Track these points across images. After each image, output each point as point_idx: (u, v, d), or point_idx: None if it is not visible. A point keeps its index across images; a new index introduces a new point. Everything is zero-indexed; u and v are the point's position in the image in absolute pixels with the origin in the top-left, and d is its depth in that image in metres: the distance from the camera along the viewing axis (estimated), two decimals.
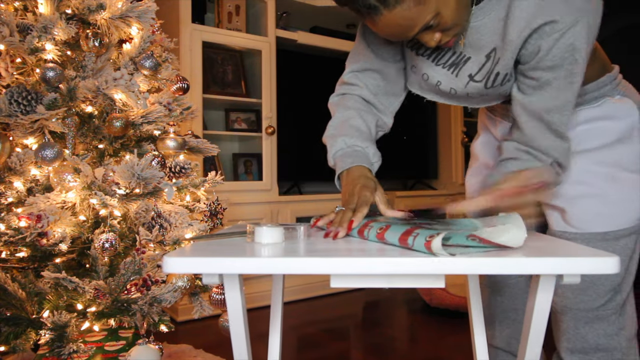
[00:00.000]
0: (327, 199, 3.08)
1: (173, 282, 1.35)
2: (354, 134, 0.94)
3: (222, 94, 2.80)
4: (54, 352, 1.20)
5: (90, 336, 1.42)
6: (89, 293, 1.26)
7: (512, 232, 0.53)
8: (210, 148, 1.68)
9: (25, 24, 1.32)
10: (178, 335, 2.23)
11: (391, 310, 2.74)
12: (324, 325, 2.47)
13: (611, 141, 0.89)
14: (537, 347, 0.57)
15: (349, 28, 3.52)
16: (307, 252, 0.53)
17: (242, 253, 0.51)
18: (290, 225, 0.70)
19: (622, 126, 0.89)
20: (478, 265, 0.49)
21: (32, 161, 1.35)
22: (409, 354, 2.06)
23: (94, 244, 1.29)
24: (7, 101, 1.29)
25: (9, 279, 1.23)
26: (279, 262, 0.48)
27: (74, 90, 1.37)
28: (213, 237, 0.67)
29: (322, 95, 3.66)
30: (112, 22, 1.42)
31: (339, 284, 0.53)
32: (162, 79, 1.61)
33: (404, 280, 0.53)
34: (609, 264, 0.50)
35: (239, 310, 0.57)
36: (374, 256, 0.49)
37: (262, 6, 2.90)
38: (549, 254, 0.51)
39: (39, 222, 1.21)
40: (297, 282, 2.89)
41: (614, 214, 0.89)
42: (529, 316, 0.57)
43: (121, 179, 1.31)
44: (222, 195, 1.95)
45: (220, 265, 0.48)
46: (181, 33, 2.53)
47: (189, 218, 1.45)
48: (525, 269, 0.49)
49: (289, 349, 2.12)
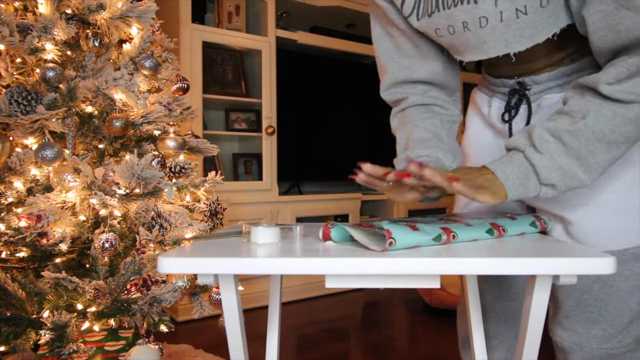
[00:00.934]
0: (327, 199, 3.08)
1: (173, 282, 1.35)
2: (418, 145, 0.87)
3: (222, 94, 2.80)
4: (54, 352, 1.20)
5: (90, 336, 1.42)
6: (89, 293, 1.26)
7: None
8: (210, 148, 1.69)
9: (25, 24, 1.32)
10: (178, 335, 2.24)
11: (391, 310, 2.74)
12: (324, 325, 2.47)
13: None
14: (534, 351, 0.57)
15: (349, 28, 3.52)
16: (303, 252, 0.53)
17: (237, 253, 0.52)
18: (287, 225, 0.70)
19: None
20: (473, 265, 0.49)
21: (32, 161, 1.35)
22: (408, 354, 2.06)
23: (94, 244, 1.29)
24: (7, 101, 1.29)
25: (9, 279, 1.23)
26: (274, 263, 0.48)
27: (74, 90, 1.37)
28: (210, 237, 0.67)
29: (322, 95, 3.66)
30: (112, 22, 1.43)
31: (333, 284, 0.53)
32: (162, 79, 1.61)
33: (399, 281, 0.54)
34: (605, 264, 0.50)
35: (235, 311, 0.57)
36: (368, 256, 0.50)
37: (262, 6, 2.90)
38: (545, 254, 0.51)
39: (39, 222, 1.22)
40: (297, 282, 2.90)
41: (635, 227, 0.75)
42: (525, 318, 0.57)
43: (121, 179, 1.32)
44: (222, 195, 1.96)
45: (215, 266, 0.48)
46: (181, 33, 2.53)
47: (189, 218, 1.45)
48: (520, 270, 0.49)
49: (288, 349, 2.12)
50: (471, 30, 0.75)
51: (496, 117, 0.92)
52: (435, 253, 0.53)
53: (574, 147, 0.66)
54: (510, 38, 0.73)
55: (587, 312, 0.81)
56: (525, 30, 0.72)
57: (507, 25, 0.71)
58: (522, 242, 0.63)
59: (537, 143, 0.67)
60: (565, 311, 0.84)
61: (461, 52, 0.82)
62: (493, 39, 0.74)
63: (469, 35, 0.76)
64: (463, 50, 0.81)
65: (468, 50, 0.80)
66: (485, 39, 0.75)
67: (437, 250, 0.54)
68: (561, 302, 0.84)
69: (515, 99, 0.87)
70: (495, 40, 0.74)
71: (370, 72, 3.44)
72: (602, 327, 0.79)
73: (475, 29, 0.75)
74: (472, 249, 0.57)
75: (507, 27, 0.72)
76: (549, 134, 0.67)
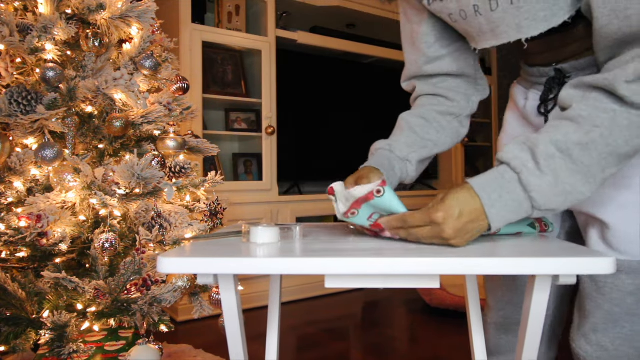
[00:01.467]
0: (327, 199, 3.07)
1: (173, 282, 1.35)
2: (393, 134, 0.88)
3: (222, 94, 2.80)
4: (54, 352, 1.20)
5: (90, 336, 1.42)
6: (89, 293, 1.26)
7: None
8: (210, 148, 1.69)
9: (25, 24, 1.32)
10: (178, 335, 2.24)
11: (391, 310, 2.74)
12: (324, 325, 2.47)
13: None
14: (534, 351, 0.57)
15: (349, 28, 3.52)
16: (302, 252, 0.53)
17: (237, 253, 0.52)
18: (287, 225, 0.70)
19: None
20: (473, 265, 0.49)
21: (32, 161, 1.35)
22: (408, 354, 2.06)
23: (94, 244, 1.29)
24: (7, 101, 1.29)
25: (9, 279, 1.23)
26: (273, 263, 0.48)
27: (74, 90, 1.37)
28: (210, 237, 0.67)
29: (322, 95, 3.66)
30: (112, 22, 1.43)
31: (333, 284, 0.53)
32: (162, 79, 1.61)
33: (398, 281, 0.54)
34: (605, 264, 0.49)
35: (235, 311, 0.57)
36: (368, 256, 0.50)
37: (262, 6, 2.90)
38: (545, 254, 0.51)
39: (39, 222, 1.22)
40: (297, 282, 2.90)
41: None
42: (525, 319, 0.57)
43: (121, 179, 1.32)
44: (222, 195, 1.96)
45: (215, 266, 0.48)
46: (181, 33, 2.53)
47: (189, 218, 1.45)
48: (520, 270, 0.49)
49: (289, 349, 2.12)
50: (482, 14, 0.70)
51: (532, 110, 0.84)
52: (435, 253, 0.53)
53: (585, 162, 0.57)
54: (523, 22, 0.67)
55: (619, 327, 0.72)
56: (539, 12, 0.65)
57: (517, 7, 0.66)
58: (521, 242, 0.63)
59: (542, 161, 0.58)
60: (593, 323, 0.75)
61: (474, 38, 0.77)
62: (505, 23, 0.69)
63: (482, 20, 0.71)
64: (476, 36, 0.76)
65: (481, 36, 0.75)
66: (497, 24, 0.70)
67: (437, 250, 0.54)
68: (588, 312, 0.75)
69: (555, 89, 0.78)
70: (508, 24, 0.69)
71: (371, 72, 3.45)
72: (635, 346, 0.71)
73: (486, 13, 0.70)
74: (472, 249, 0.57)
75: (518, 9, 0.66)
76: (556, 148, 0.58)
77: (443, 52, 0.88)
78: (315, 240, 0.63)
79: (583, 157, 0.57)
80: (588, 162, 0.57)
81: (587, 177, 0.58)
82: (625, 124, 0.56)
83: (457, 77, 0.91)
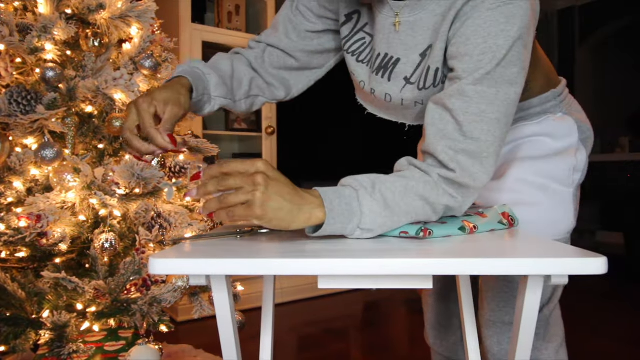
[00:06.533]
0: None
1: (173, 282, 1.36)
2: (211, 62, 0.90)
3: None
4: (54, 352, 1.21)
5: (90, 336, 1.42)
6: (88, 293, 1.26)
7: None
8: (210, 148, 1.69)
9: (25, 24, 1.33)
10: (178, 335, 2.24)
11: (391, 310, 2.74)
12: (323, 325, 2.47)
13: (547, 154, 0.87)
14: (527, 349, 0.57)
15: None
16: (295, 253, 0.53)
17: (228, 254, 0.52)
18: None
19: (559, 146, 0.86)
20: (466, 265, 0.49)
21: (32, 161, 1.36)
22: (408, 354, 2.06)
23: (93, 244, 1.29)
24: (7, 101, 1.30)
25: (9, 279, 1.24)
26: (265, 263, 0.48)
27: (74, 90, 1.38)
28: (205, 238, 0.68)
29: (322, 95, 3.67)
30: (112, 22, 1.43)
31: (326, 285, 0.54)
32: (162, 79, 1.61)
33: (391, 281, 0.54)
34: (597, 264, 0.50)
35: (227, 311, 0.57)
36: (361, 257, 0.50)
37: (262, 6, 2.90)
38: (537, 254, 0.51)
39: (39, 222, 1.22)
40: (297, 282, 2.90)
41: (546, 224, 0.85)
42: (518, 318, 0.57)
43: (121, 179, 1.32)
44: None
45: (206, 267, 0.48)
46: (181, 33, 2.53)
47: (188, 218, 1.45)
48: (513, 270, 0.49)
49: (289, 349, 2.12)
50: (377, 97, 0.87)
51: None
52: (427, 253, 0.53)
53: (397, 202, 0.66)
54: (409, 117, 0.88)
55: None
56: (422, 114, 0.80)
57: (406, 108, 0.84)
58: (513, 242, 0.63)
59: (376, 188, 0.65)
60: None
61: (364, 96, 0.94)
62: (395, 112, 0.89)
63: (378, 97, 0.88)
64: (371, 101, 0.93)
65: (375, 103, 0.92)
66: (387, 107, 0.89)
67: (429, 251, 0.54)
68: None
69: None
70: (397, 114, 0.89)
71: None
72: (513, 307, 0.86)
73: (381, 99, 0.87)
74: (464, 250, 0.57)
75: (406, 109, 0.85)
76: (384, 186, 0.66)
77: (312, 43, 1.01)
78: (310, 240, 0.63)
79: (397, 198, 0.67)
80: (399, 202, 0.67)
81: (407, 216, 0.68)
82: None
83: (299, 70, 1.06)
